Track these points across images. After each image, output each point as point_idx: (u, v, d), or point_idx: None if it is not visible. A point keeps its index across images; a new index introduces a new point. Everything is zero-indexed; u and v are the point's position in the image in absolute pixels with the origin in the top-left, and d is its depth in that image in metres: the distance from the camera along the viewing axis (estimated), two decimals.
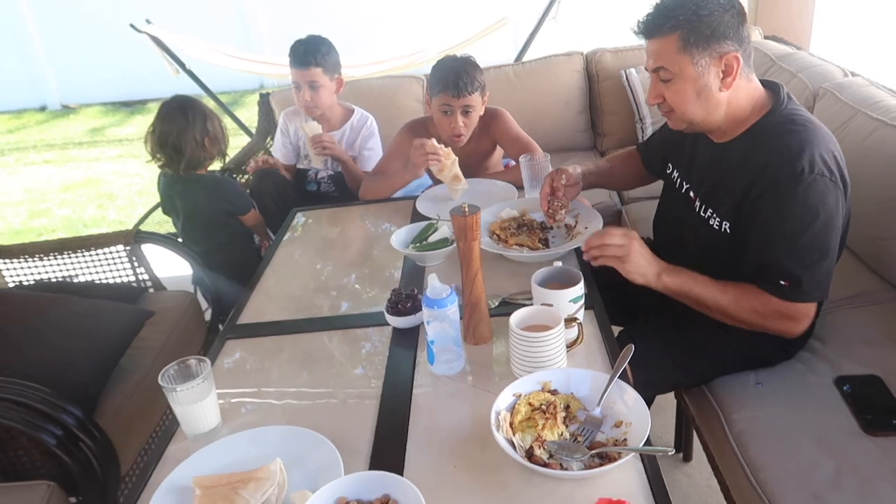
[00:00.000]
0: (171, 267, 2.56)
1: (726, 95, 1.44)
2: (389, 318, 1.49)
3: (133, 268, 2.31)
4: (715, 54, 1.40)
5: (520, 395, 1.18)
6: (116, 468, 1.64)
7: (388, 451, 1.15)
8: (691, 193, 1.62)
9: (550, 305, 1.33)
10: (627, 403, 1.14)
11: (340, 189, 2.60)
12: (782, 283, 1.40)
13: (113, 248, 2.26)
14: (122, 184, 5.40)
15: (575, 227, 1.78)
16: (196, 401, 1.24)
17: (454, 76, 2.06)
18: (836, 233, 1.41)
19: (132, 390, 1.84)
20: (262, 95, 3.14)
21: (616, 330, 1.58)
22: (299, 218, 2.18)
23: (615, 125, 2.94)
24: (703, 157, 1.60)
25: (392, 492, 1.00)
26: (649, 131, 2.79)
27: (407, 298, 1.49)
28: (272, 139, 3.05)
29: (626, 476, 1.04)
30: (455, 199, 2.00)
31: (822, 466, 1.31)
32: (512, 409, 1.16)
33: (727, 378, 1.58)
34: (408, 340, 1.46)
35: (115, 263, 2.30)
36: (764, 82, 1.51)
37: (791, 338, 1.49)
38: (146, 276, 2.32)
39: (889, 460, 1.30)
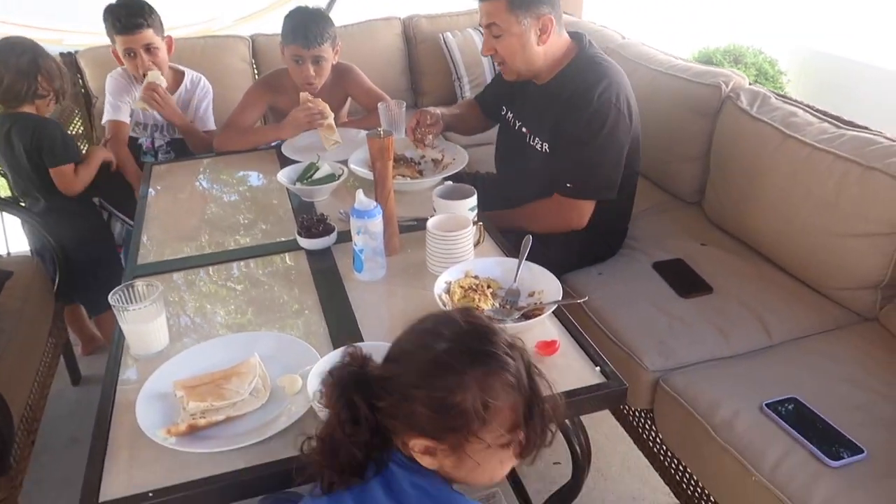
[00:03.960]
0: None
1: (543, 49, 1.82)
2: (303, 241, 1.61)
3: None
4: (534, 16, 1.75)
5: (451, 282, 1.41)
6: (11, 423, 1.56)
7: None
8: (524, 129, 1.97)
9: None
10: (536, 275, 1.42)
11: (180, 156, 2.52)
12: (568, 185, 1.81)
13: None
14: None
15: (442, 160, 2.03)
16: (146, 321, 1.27)
17: (303, 28, 2.17)
18: (617, 148, 1.80)
19: (3, 351, 1.72)
20: (63, 55, 2.89)
21: None
22: (156, 170, 2.15)
23: (434, 84, 3.23)
24: (531, 98, 1.95)
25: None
26: (467, 88, 3.13)
27: (318, 223, 1.63)
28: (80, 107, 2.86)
29: (549, 326, 1.33)
30: (328, 149, 2.13)
31: (658, 321, 1.73)
32: (448, 292, 1.38)
33: (575, 273, 1.96)
34: (324, 259, 1.60)
35: None
36: (570, 33, 1.90)
37: (579, 229, 1.86)
38: None
39: (701, 313, 1.75)
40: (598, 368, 1.21)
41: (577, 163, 1.81)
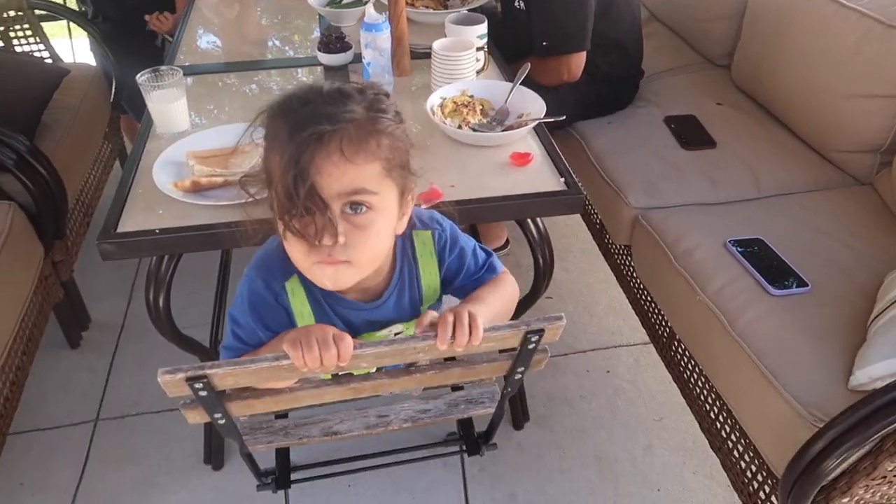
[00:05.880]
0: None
1: None
2: (322, 56, 1.72)
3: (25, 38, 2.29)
4: None
5: (445, 98, 1.51)
6: (64, 195, 1.79)
7: None
8: None
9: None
10: (527, 99, 1.51)
11: None
12: (544, 44, 1.83)
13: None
14: None
15: None
16: (170, 101, 1.44)
17: None
18: None
19: (61, 138, 1.94)
20: None
21: None
22: None
23: None
24: None
25: None
26: None
27: (336, 40, 1.73)
28: None
29: (530, 143, 1.43)
30: None
31: (653, 166, 1.79)
32: (441, 105, 1.49)
33: (585, 121, 2.01)
34: (340, 76, 1.71)
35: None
36: None
37: (575, 80, 1.90)
38: (42, 48, 2.32)
39: (697, 163, 1.80)
40: (562, 179, 1.32)
41: (547, 19, 1.82)
